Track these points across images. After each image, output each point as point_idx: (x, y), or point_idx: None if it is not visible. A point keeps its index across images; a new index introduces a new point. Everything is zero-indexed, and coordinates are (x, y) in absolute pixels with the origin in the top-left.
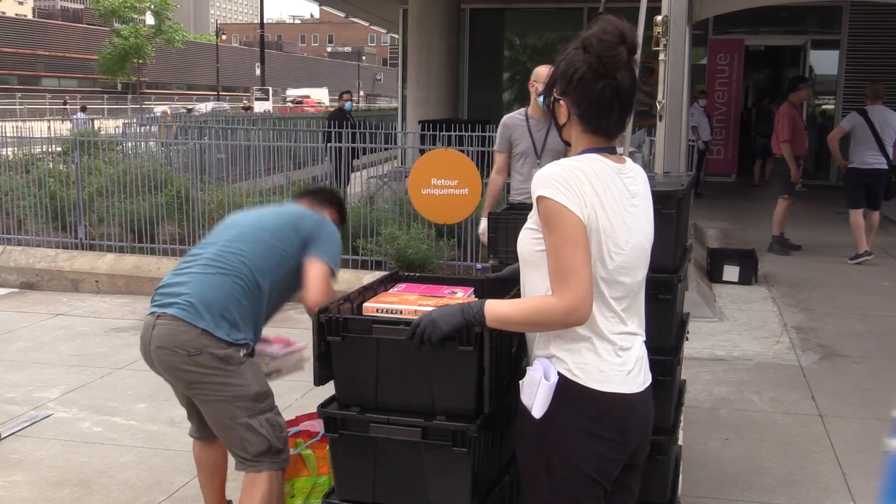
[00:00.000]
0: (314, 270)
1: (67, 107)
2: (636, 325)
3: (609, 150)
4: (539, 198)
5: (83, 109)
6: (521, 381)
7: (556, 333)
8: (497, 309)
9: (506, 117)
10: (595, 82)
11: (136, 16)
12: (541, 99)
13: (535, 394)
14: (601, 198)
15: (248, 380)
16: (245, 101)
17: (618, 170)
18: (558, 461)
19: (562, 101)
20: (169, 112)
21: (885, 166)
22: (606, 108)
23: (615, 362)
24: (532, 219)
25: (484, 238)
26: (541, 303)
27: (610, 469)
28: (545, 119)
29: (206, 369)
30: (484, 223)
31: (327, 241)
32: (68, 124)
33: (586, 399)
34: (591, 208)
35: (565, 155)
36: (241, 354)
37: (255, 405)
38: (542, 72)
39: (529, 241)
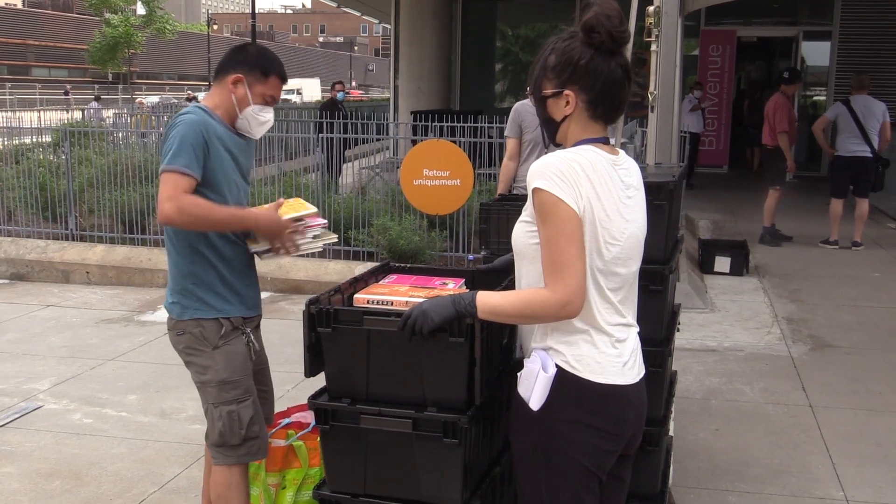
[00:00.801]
0: (160, 183)
1: (70, 96)
2: (632, 316)
3: (603, 141)
4: (535, 189)
5: (97, 99)
6: (518, 374)
7: (554, 326)
8: (489, 300)
9: (518, 103)
10: (608, 61)
11: (126, 5)
12: None
13: (533, 386)
14: (597, 189)
15: (219, 365)
16: (189, 92)
17: (612, 161)
18: (555, 453)
19: (567, 92)
20: (145, 102)
21: (870, 154)
22: (620, 86)
23: (612, 354)
24: (527, 211)
25: None
26: (533, 295)
27: (606, 461)
28: None
29: (188, 349)
30: None
31: (169, 143)
32: (87, 113)
33: (584, 391)
34: (587, 200)
35: None
36: (220, 335)
37: (221, 394)
38: None
39: (524, 233)
